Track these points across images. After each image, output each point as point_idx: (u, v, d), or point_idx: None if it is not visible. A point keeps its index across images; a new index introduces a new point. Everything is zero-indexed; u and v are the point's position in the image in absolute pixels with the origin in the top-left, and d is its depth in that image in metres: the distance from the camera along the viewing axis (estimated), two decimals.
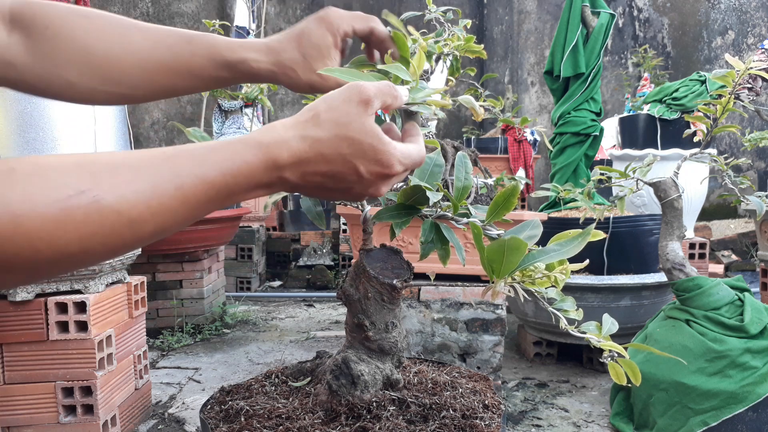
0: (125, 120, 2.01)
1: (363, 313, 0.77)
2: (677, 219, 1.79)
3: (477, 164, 1.83)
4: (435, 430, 0.73)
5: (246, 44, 0.74)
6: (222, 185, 0.49)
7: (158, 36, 0.71)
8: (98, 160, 0.45)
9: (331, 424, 0.71)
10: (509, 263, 0.62)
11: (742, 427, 1.56)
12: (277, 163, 0.52)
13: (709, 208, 5.70)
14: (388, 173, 0.56)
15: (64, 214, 0.41)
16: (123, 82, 0.71)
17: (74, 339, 1.56)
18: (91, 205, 0.42)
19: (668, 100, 3.11)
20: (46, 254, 0.41)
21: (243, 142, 0.52)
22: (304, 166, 0.53)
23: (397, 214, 0.71)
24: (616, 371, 0.63)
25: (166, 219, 0.47)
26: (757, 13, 6.43)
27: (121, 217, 0.44)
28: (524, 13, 6.73)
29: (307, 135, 0.53)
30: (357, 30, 0.76)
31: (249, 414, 0.75)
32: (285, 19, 6.79)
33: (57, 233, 0.41)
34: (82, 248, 0.42)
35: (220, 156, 0.50)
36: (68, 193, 0.41)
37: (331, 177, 0.55)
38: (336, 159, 0.54)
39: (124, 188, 0.44)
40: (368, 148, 0.54)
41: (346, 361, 0.76)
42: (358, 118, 0.54)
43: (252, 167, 0.51)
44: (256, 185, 0.52)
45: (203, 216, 0.51)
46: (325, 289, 4.36)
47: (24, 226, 0.39)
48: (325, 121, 0.54)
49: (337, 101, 0.55)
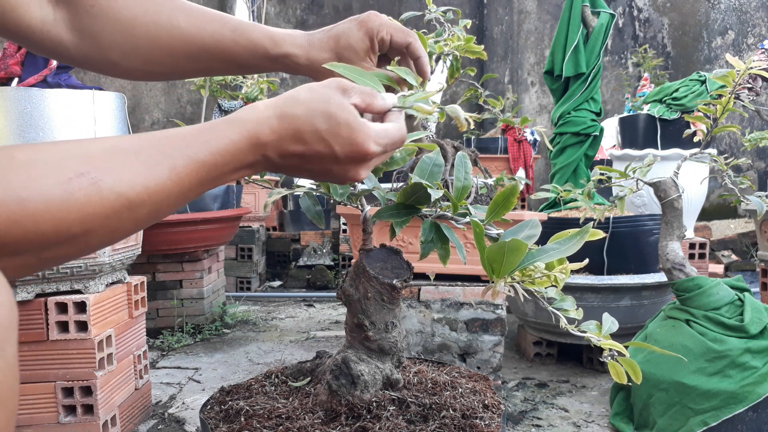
0: (125, 120, 2.01)
1: (363, 313, 0.77)
2: (677, 219, 1.79)
3: (477, 164, 1.83)
4: (435, 429, 0.73)
5: (289, 38, 0.74)
6: (211, 165, 0.51)
7: (202, 20, 0.72)
8: (93, 145, 0.47)
9: (331, 424, 0.71)
10: (509, 263, 0.62)
11: (742, 427, 1.56)
12: (260, 141, 0.54)
13: (709, 208, 5.70)
14: (363, 154, 0.57)
15: (66, 195, 0.42)
16: (164, 62, 0.72)
17: (74, 339, 1.56)
18: (91, 186, 0.44)
19: (668, 100, 3.12)
20: (52, 237, 0.42)
21: (227, 121, 0.53)
22: (284, 143, 0.55)
23: (396, 213, 0.71)
24: (616, 370, 0.63)
25: (161, 200, 0.48)
26: (757, 13, 6.43)
27: (120, 197, 0.45)
28: (524, 13, 6.73)
29: (285, 113, 0.55)
30: (395, 41, 0.75)
31: (249, 414, 0.75)
32: (285, 19, 6.79)
33: (60, 214, 0.42)
34: (84, 229, 0.44)
35: (207, 136, 0.51)
36: (68, 175, 0.43)
37: (308, 158, 0.56)
38: (311, 138, 0.55)
39: (121, 171, 0.46)
40: (343, 124, 0.55)
41: (346, 361, 0.76)
42: (336, 97, 0.56)
43: (237, 145, 0.53)
44: (242, 164, 0.54)
45: (193, 199, 0.53)
46: (325, 289, 4.36)
47: (29, 209, 0.40)
48: (304, 100, 0.56)
49: (316, 86, 0.57)
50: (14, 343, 0.36)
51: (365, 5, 6.80)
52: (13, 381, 0.34)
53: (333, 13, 6.85)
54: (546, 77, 3.11)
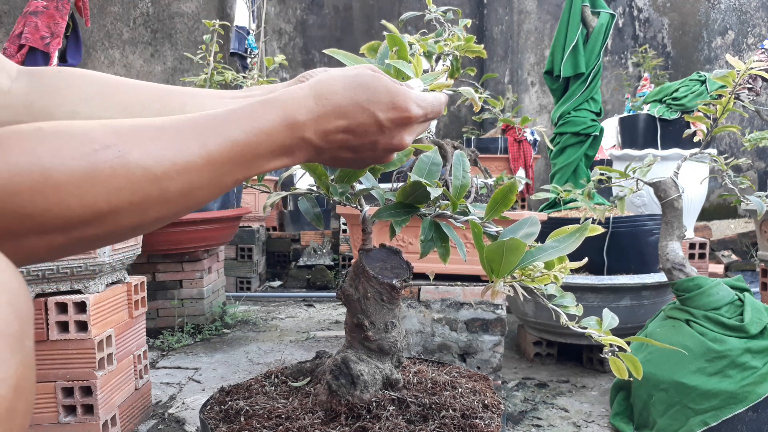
0: None
1: (362, 312, 0.77)
2: (677, 219, 1.79)
3: (477, 164, 1.83)
4: (435, 429, 0.73)
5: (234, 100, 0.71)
6: (245, 144, 0.49)
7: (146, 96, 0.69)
8: (122, 122, 0.45)
9: (330, 424, 0.71)
10: (508, 263, 0.62)
11: (742, 427, 1.56)
12: (297, 122, 0.52)
13: (709, 208, 5.70)
14: (407, 116, 0.56)
15: (91, 166, 0.41)
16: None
17: (74, 339, 1.56)
18: (117, 159, 0.43)
19: (668, 100, 3.12)
20: (77, 211, 0.41)
21: (262, 102, 0.52)
22: (323, 122, 0.53)
23: (396, 213, 0.71)
24: (617, 365, 0.63)
25: (192, 179, 0.47)
26: (757, 13, 6.43)
27: (147, 172, 0.44)
28: (524, 13, 6.73)
29: (322, 92, 0.54)
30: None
31: (249, 414, 0.75)
32: (285, 19, 6.79)
33: (85, 186, 0.41)
34: (110, 205, 0.43)
35: (241, 115, 0.50)
36: (94, 147, 0.42)
37: (352, 132, 0.55)
38: (353, 110, 0.54)
39: (149, 145, 0.44)
40: (383, 90, 0.55)
41: (346, 361, 0.76)
42: (368, 72, 0.56)
43: (273, 125, 0.51)
44: (280, 148, 0.52)
45: (229, 185, 0.51)
46: (325, 289, 4.36)
47: (54, 179, 0.40)
48: (339, 77, 0.55)
49: (348, 68, 0.57)
50: (32, 338, 0.35)
51: (365, 5, 6.80)
52: (31, 374, 0.34)
53: (333, 13, 6.85)
54: (546, 77, 3.11)
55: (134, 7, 6.52)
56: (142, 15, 6.53)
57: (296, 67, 6.75)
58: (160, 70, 6.61)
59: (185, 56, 4.86)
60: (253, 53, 4.88)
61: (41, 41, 1.92)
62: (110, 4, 6.45)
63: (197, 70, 3.87)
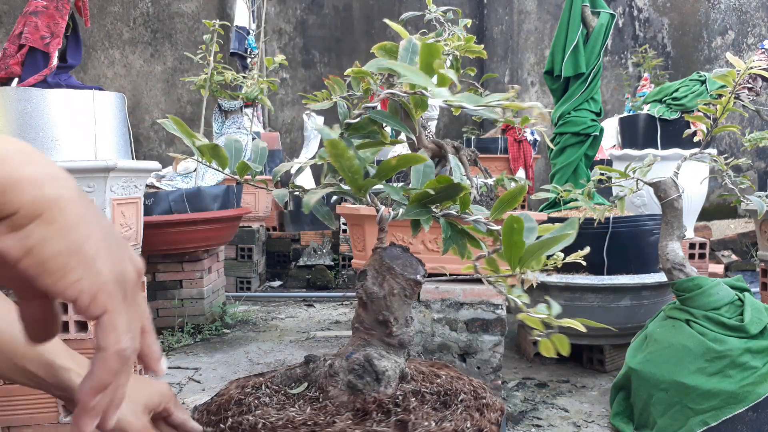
0: (125, 120, 2.01)
1: (387, 309, 0.77)
2: (677, 219, 1.79)
3: (477, 164, 1.83)
4: (462, 412, 0.74)
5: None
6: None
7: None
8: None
9: (365, 423, 0.70)
10: (535, 256, 0.63)
11: (742, 427, 1.56)
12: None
13: (709, 208, 5.70)
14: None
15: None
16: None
17: (74, 339, 1.56)
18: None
19: (668, 100, 3.12)
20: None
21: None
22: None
23: (420, 212, 0.73)
24: (545, 344, 0.63)
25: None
26: (757, 13, 6.43)
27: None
28: (524, 13, 6.73)
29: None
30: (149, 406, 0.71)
31: (269, 428, 0.70)
32: (285, 19, 6.79)
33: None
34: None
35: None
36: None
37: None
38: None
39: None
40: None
41: (369, 359, 0.76)
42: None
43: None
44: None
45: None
46: (325, 289, 4.36)
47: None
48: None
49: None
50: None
51: (365, 5, 6.80)
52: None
53: (333, 13, 6.85)
54: (546, 77, 3.11)
55: (134, 7, 6.52)
56: (142, 15, 6.53)
57: (296, 67, 6.75)
58: (160, 70, 6.61)
59: (185, 56, 4.86)
60: (253, 53, 4.88)
61: (41, 41, 1.92)
62: (110, 4, 6.45)
63: (197, 70, 3.87)
